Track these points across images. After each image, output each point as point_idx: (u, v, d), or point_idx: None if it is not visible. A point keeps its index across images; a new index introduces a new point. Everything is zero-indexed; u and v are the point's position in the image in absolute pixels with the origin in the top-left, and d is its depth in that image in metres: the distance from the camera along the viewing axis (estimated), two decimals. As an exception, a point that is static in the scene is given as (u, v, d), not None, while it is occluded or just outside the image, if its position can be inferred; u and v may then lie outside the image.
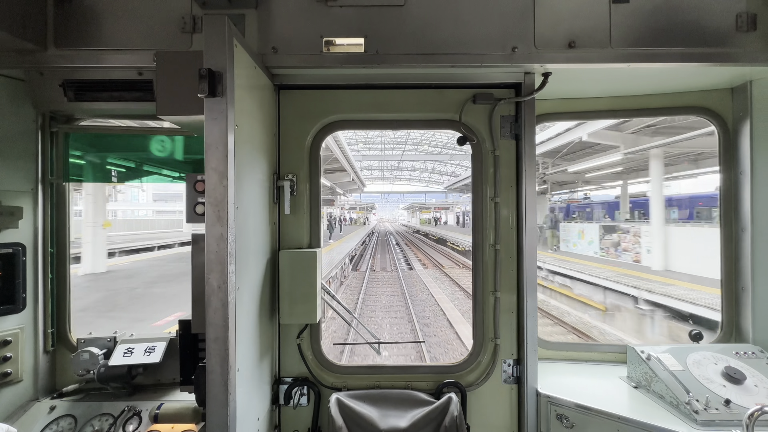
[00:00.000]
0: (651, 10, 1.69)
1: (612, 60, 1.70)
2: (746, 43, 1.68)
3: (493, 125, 2.01)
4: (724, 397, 1.57)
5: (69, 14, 1.70)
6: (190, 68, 1.42)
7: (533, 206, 1.89)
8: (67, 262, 2.05)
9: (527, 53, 1.70)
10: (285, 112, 2.02)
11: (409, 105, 2.03)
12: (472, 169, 2.10)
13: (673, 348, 1.85)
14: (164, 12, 1.70)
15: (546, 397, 1.82)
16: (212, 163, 1.28)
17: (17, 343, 1.85)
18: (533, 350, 1.88)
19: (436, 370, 2.06)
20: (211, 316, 1.29)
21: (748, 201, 1.97)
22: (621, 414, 1.59)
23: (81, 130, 2.11)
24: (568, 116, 2.22)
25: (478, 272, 2.06)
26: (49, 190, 1.99)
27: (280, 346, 2.03)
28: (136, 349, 1.92)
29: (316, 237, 2.07)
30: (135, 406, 1.81)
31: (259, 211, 1.73)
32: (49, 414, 1.79)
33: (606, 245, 16.82)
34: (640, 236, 14.29)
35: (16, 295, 1.83)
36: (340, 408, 1.86)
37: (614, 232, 16.64)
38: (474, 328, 2.09)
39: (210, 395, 1.29)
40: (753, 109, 1.94)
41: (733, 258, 2.06)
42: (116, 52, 1.71)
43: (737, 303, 2.04)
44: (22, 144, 1.89)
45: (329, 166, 22.91)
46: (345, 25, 1.71)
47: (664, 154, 14.06)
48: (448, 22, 1.71)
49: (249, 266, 1.57)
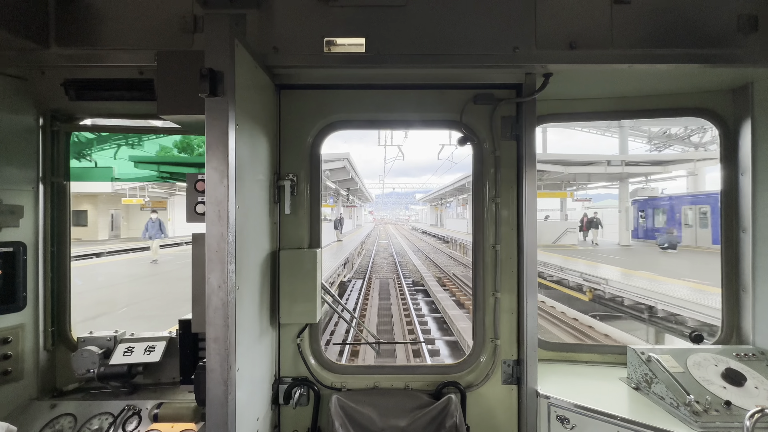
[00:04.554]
0: (652, 11, 1.69)
1: (613, 61, 1.69)
2: (747, 45, 1.68)
3: (494, 126, 2.01)
4: (725, 398, 1.56)
5: (71, 13, 1.71)
6: (191, 68, 1.42)
7: (533, 206, 1.89)
8: (67, 261, 2.05)
9: (528, 54, 1.70)
10: (286, 112, 2.02)
11: (410, 105, 2.03)
12: (473, 170, 2.10)
13: (673, 349, 1.85)
14: (165, 11, 1.70)
15: (546, 398, 1.81)
16: (213, 162, 1.28)
17: (18, 341, 1.85)
18: (533, 351, 1.88)
19: (435, 371, 2.06)
20: (211, 315, 1.29)
21: (749, 202, 1.96)
22: (621, 415, 1.59)
23: (82, 129, 2.11)
24: (569, 117, 2.22)
25: (478, 273, 2.06)
26: (50, 189, 2.00)
27: (279, 346, 2.03)
28: (136, 348, 1.92)
29: (316, 237, 2.07)
30: (135, 405, 1.81)
31: (260, 210, 1.73)
32: (49, 412, 1.79)
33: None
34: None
35: (17, 294, 1.83)
36: (339, 408, 1.86)
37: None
38: (474, 329, 2.08)
39: (210, 395, 1.29)
40: (754, 110, 1.93)
41: (733, 259, 2.05)
42: (117, 51, 1.71)
43: (738, 304, 2.03)
44: (23, 143, 1.89)
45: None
46: (346, 25, 1.71)
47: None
48: (449, 23, 1.70)
49: (249, 266, 1.57)
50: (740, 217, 2.02)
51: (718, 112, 2.07)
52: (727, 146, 2.08)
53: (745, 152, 1.98)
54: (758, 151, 1.93)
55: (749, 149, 1.95)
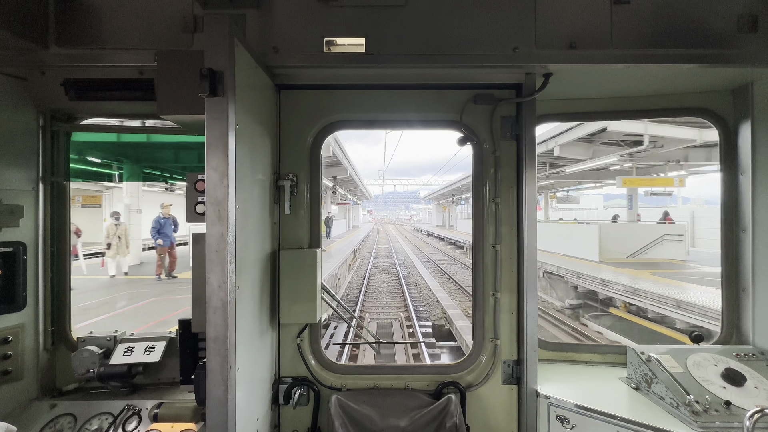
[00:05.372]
0: (652, 11, 1.69)
1: (613, 61, 1.69)
2: (747, 45, 1.68)
3: (494, 126, 2.01)
4: (724, 398, 1.56)
5: (70, 13, 1.71)
6: (191, 68, 1.42)
7: (533, 206, 1.89)
8: (67, 261, 2.05)
9: (528, 54, 1.70)
10: (286, 112, 2.03)
11: (410, 105, 2.03)
12: (473, 170, 2.10)
13: (673, 349, 1.85)
14: (165, 11, 1.70)
15: (546, 398, 1.81)
16: (213, 162, 1.28)
17: (17, 341, 1.85)
18: (533, 351, 1.88)
19: (435, 371, 2.06)
20: (211, 315, 1.29)
21: (749, 202, 1.96)
22: (621, 415, 1.59)
23: (82, 129, 2.11)
24: (569, 117, 2.22)
25: (478, 273, 2.06)
26: (50, 189, 2.00)
27: (279, 346, 2.03)
28: (135, 348, 1.92)
29: (316, 237, 2.07)
30: (135, 405, 1.81)
31: (260, 210, 1.73)
32: (48, 412, 1.79)
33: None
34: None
35: (17, 294, 1.83)
36: (339, 408, 1.86)
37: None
38: (474, 329, 2.08)
39: (210, 395, 1.29)
40: (754, 110, 1.93)
41: (733, 259, 2.05)
42: (117, 51, 1.71)
43: (738, 304, 2.03)
44: (23, 143, 1.89)
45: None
46: (346, 25, 1.71)
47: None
48: (449, 23, 1.71)
49: (249, 266, 1.57)
50: (740, 218, 2.02)
51: (718, 112, 2.07)
52: (726, 146, 2.08)
53: (745, 152, 1.98)
54: (758, 151, 1.93)
55: (749, 149, 1.95)
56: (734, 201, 2.05)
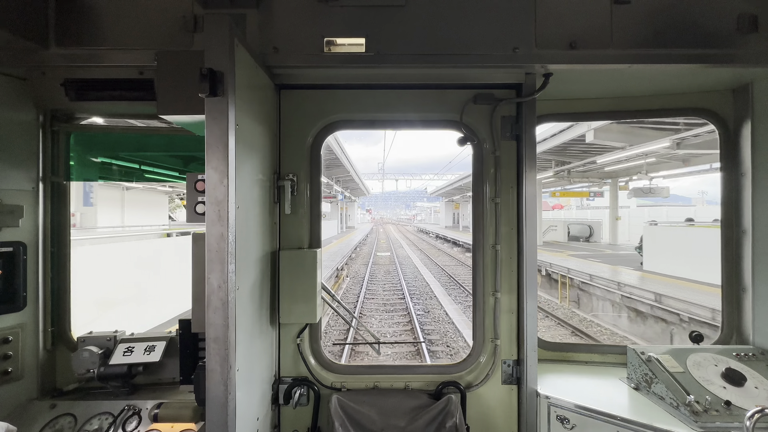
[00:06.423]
0: (652, 11, 1.69)
1: (613, 61, 1.69)
2: (747, 45, 1.68)
3: (494, 126, 2.01)
4: (725, 398, 1.56)
5: (70, 13, 1.71)
6: (191, 68, 1.42)
7: (533, 207, 1.89)
8: (67, 261, 2.05)
9: (528, 54, 1.70)
10: (286, 112, 2.03)
11: (410, 105, 2.03)
12: (473, 170, 2.10)
13: (673, 349, 1.85)
14: (165, 11, 1.70)
15: (546, 398, 1.81)
16: (213, 162, 1.28)
17: (17, 341, 1.85)
18: (533, 351, 1.88)
19: (435, 370, 2.06)
20: (211, 315, 1.29)
21: (749, 202, 1.96)
22: (621, 415, 1.59)
23: (82, 129, 2.11)
24: (569, 117, 2.22)
25: (478, 273, 2.06)
26: (50, 189, 2.00)
27: (279, 346, 2.02)
28: (135, 348, 1.92)
29: (316, 237, 2.07)
30: (135, 405, 1.81)
31: (260, 210, 1.73)
32: (48, 412, 1.79)
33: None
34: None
35: (17, 294, 1.83)
36: (339, 408, 1.87)
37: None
38: (474, 329, 2.08)
39: (210, 395, 1.29)
40: (754, 110, 1.93)
41: (733, 259, 2.05)
42: (117, 51, 1.71)
43: (738, 304, 2.03)
44: (23, 143, 1.89)
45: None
46: (346, 25, 1.71)
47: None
48: (449, 23, 1.71)
49: (249, 266, 1.57)
50: (740, 218, 2.02)
51: (718, 112, 2.07)
52: (727, 146, 2.08)
53: (745, 152, 1.98)
54: (758, 151, 1.93)
55: (749, 149, 1.95)
56: (734, 201, 2.05)
